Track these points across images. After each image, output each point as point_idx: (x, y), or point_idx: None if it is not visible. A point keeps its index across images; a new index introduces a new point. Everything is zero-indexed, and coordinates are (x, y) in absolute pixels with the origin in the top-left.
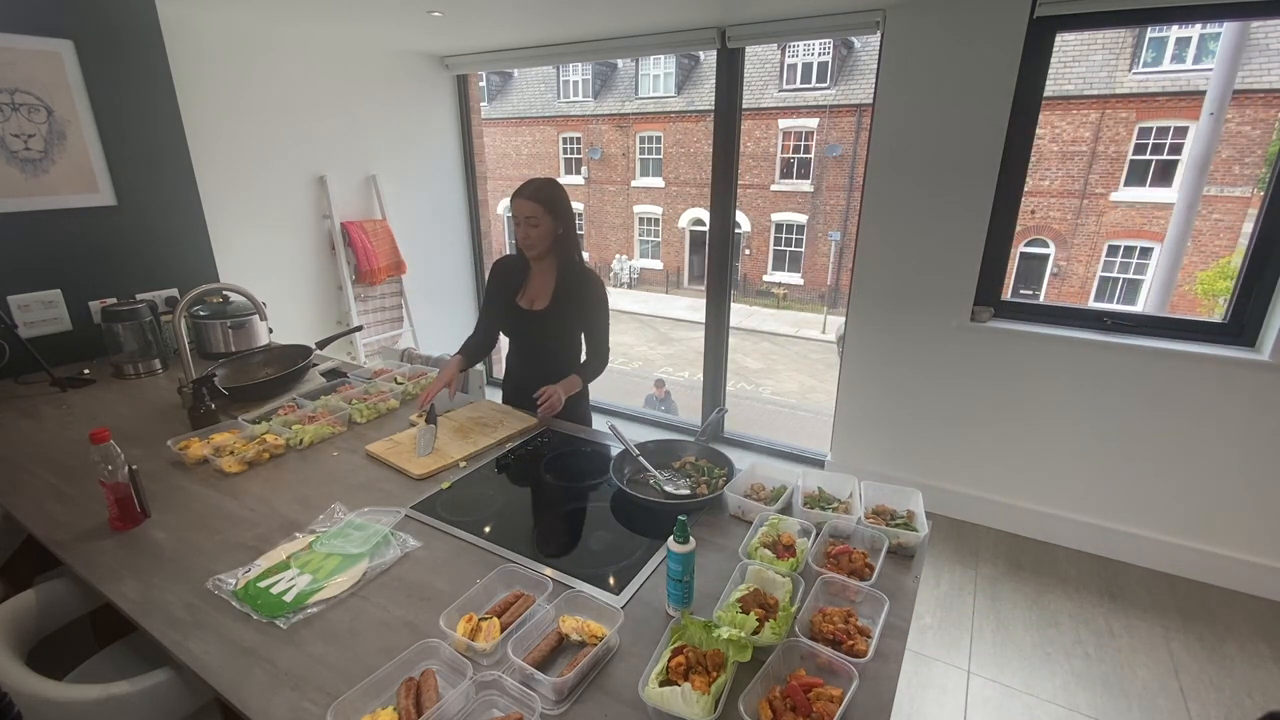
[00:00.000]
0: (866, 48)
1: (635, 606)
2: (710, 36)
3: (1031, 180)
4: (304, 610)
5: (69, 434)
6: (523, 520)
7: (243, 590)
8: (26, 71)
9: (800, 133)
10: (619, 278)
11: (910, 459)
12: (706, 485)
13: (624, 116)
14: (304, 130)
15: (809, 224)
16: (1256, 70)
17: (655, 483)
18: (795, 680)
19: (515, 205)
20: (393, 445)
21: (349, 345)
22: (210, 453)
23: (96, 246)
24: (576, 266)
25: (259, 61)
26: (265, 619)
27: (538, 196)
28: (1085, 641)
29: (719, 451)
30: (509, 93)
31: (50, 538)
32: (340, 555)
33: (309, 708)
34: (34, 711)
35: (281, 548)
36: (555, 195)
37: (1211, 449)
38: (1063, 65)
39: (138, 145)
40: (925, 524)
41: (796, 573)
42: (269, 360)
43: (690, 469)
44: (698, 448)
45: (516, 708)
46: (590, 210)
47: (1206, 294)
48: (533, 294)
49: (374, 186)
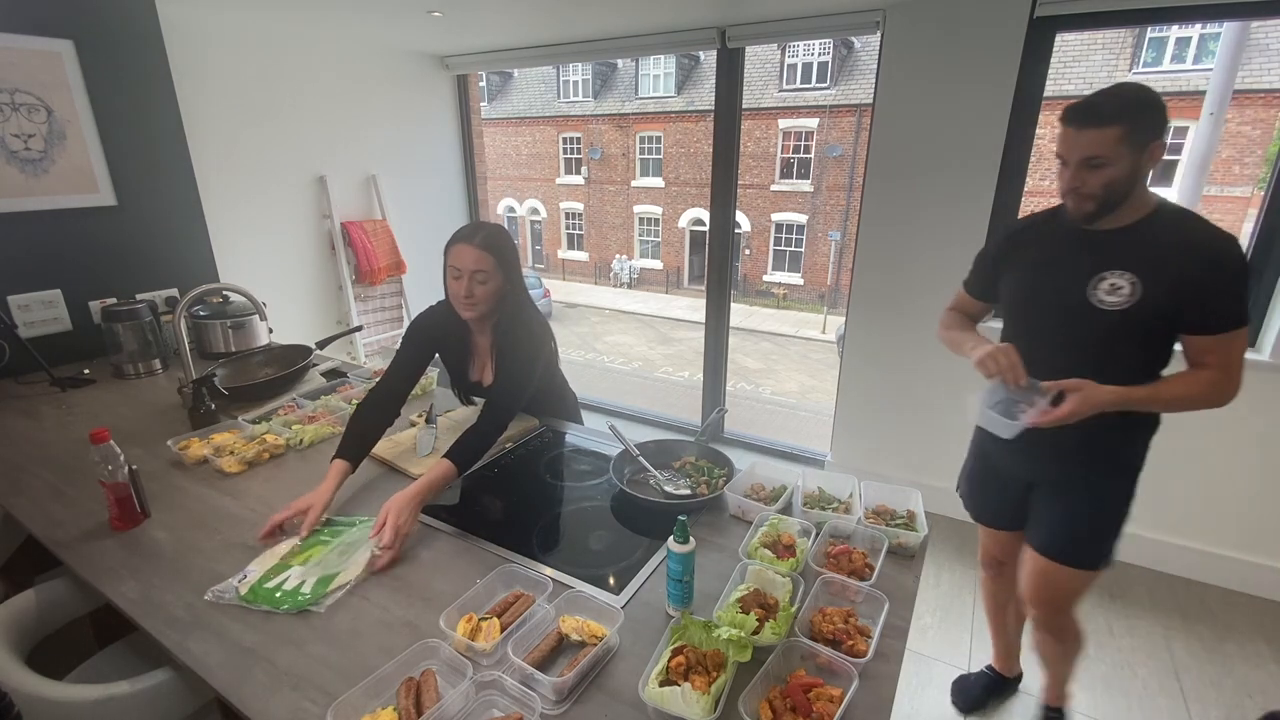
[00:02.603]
0: (866, 48)
1: (635, 606)
2: (710, 36)
3: (1031, 180)
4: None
5: (69, 434)
6: (523, 520)
7: (250, 595)
8: (26, 71)
9: (800, 133)
10: (619, 278)
11: (911, 459)
12: (707, 485)
13: (624, 116)
14: (304, 130)
15: (809, 224)
16: (1256, 70)
17: (655, 483)
18: (795, 680)
19: (458, 254)
20: (393, 445)
21: (349, 345)
22: (210, 453)
23: (96, 246)
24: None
25: (259, 61)
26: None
27: (490, 246)
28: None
29: (719, 451)
30: (509, 93)
31: (50, 538)
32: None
33: (309, 708)
34: (34, 711)
35: (269, 552)
36: (507, 246)
37: (1211, 449)
38: (1063, 65)
39: (138, 145)
40: (925, 524)
41: (796, 573)
42: (269, 360)
43: (690, 469)
44: (698, 448)
45: (516, 708)
46: (590, 210)
47: None
48: (481, 362)
49: (374, 186)
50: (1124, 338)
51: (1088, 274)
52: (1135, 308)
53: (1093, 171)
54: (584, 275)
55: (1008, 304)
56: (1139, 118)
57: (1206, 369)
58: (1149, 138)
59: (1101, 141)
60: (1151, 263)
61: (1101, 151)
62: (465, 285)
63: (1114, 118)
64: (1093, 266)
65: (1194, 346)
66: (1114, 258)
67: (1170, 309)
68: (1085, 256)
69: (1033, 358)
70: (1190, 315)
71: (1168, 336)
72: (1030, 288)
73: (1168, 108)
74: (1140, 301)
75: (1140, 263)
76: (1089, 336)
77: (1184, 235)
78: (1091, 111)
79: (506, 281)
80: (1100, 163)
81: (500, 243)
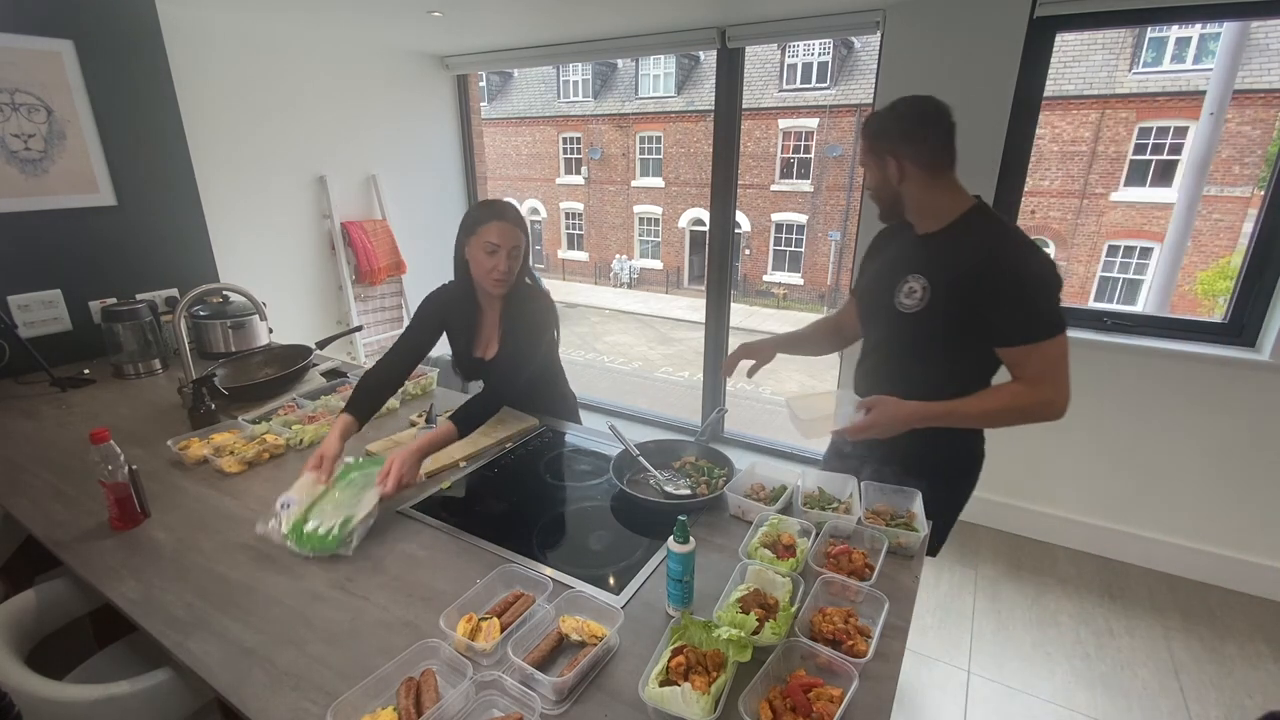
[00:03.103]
0: (866, 48)
1: (635, 606)
2: (710, 36)
3: (1031, 180)
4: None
5: (69, 434)
6: (523, 520)
7: (295, 535)
8: (26, 71)
9: (800, 133)
10: (619, 278)
11: None
12: (707, 485)
13: (624, 116)
14: (304, 130)
15: (809, 224)
16: (1256, 70)
17: (656, 483)
18: (795, 680)
19: (497, 232)
20: (393, 445)
21: (349, 345)
22: (210, 453)
23: (96, 246)
24: (523, 298)
25: (259, 61)
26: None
27: (519, 222)
28: (1085, 641)
29: (719, 451)
30: (509, 93)
31: (50, 538)
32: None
33: (309, 708)
34: (34, 711)
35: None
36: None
37: (1211, 449)
38: (1063, 65)
39: (138, 145)
40: (925, 524)
41: (796, 573)
42: (269, 360)
43: (690, 469)
44: (698, 448)
45: (516, 708)
46: (590, 210)
47: (1206, 294)
48: (486, 338)
49: (374, 186)
50: (923, 341)
51: (898, 278)
52: (925, 311)
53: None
54: (584, 275)
55: (858, 304)
56: (880, 132)
57: (1018, 381)
58: (886, 149)
59: (863, 151)
60: (941, 268)
61: (862, 160)
62: (504, 261)
63: (866, 131)
64: (901, 270)
65: (1005, 358)
66: (914, 262)
67: (960, 314)
68: (899, 260)
69: (865, 363)
70: (987, 324)
71: (973, 344)
72: (866, 290)
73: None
74: (930, 305)
75: (931, 267)
76: (894, 339)
77: (979, 244)
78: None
79: (525, 257)
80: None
81: (523, 219)
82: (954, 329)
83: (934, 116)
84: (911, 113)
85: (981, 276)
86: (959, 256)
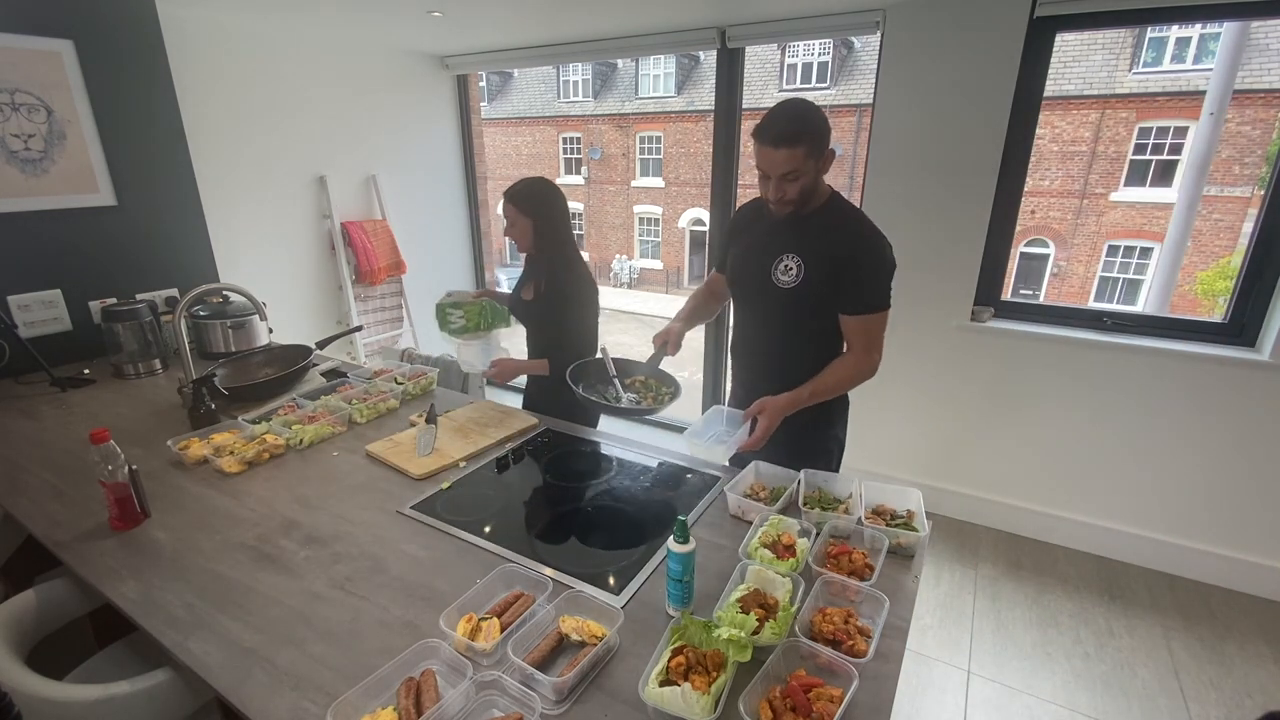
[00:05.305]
0: (866, 48)
1: (635, 606)
2: (710, 36)
3: (1031, 180)
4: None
5: (69, 434)
6: (523, 520)
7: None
8: (26, 71)
9: None
10: (619, 278)
11: (910, 459)
12: (653, 399)
13: (624, 116)
14: (304, 130)
15: None
16: (1256, 70)
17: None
18: (795, 680)
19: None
20: (393, 445)
21: (349, 345)
22: (210, 453)
23: (96, 246)
24: (558, 262)
25: (259, 61)
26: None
27: (514, 198)
28: (1085, 641)
29: (667, 373)
30: (509, 93)
31: (50, 538)
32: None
33: (309, 708)
34: (34, 711)
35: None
36: (527, 193)
37: (1211, 449)
38: (1063, 65)
39: (138, 145)
40: (925, 524)
41: (796, 573)
42: (269, 360)
43: (639, 386)
44: (648, 369)
45: (516, 708)
46: (590, 210)
47: (1206, 294)
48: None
49: (374, 186)
50: (800, 313)
51: (772, 256)
52: (801, 285)
53: (792, 183)
54: None
55: (729, 284)
56: (816, 136)
57: (851, 351)
58: (823, 149)
59: (793, 158)
60: (814, 248)
61: (795, 166)
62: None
63: (797, 139)
64: (775, 250)
65: (847, 327)
66: (788, 243)
67: (828, 289)
68: (771, 241)
69: (744, 334)
70: (843, 297)
71: (833, 315)
72: (738, 269)
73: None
74: (805, 280)
75: (804, 247)
76: (774, 312)
77: (843, 226)
78: (783, 134)
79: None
80: (796, 175)
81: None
82: (824, 301)
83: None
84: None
85: (851, 254)
86: (831, 236)
